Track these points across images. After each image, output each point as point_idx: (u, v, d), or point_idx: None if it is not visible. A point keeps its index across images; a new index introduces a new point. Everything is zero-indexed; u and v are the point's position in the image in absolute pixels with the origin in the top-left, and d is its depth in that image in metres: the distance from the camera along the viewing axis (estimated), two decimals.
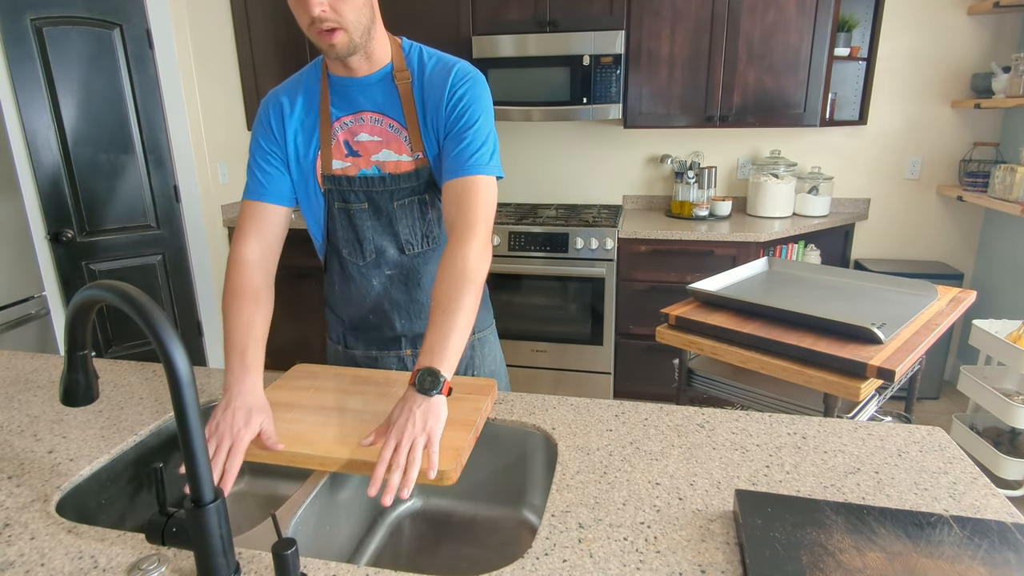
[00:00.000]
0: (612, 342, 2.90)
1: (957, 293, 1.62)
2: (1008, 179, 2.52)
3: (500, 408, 1.11)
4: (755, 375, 1.47)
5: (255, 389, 0.96)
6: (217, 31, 3.15)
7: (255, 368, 0.99)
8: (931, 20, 2.86)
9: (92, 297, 0.66)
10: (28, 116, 2.55)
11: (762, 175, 3.00)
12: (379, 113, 1.12)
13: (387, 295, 1.22)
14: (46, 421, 1.08)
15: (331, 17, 0.97)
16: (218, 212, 3.19)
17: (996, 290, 2.90)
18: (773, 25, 2.71)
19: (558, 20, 2.84)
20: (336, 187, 1.15)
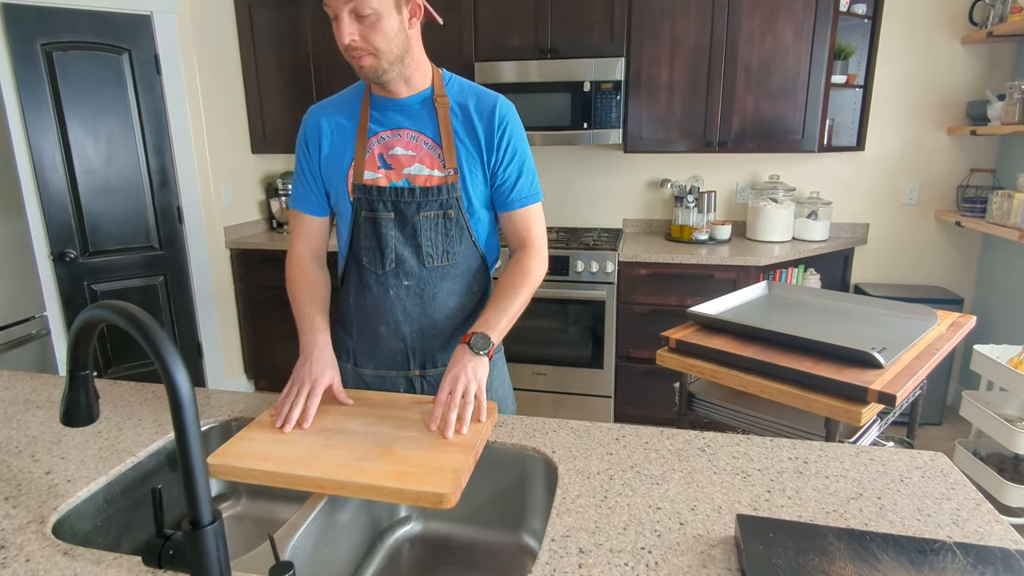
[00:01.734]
0: (612, 365, 2.90)
1: (957, 318, 1.62)
2: (1006, 205, 2.54)
3: (500, 431, 1.10)
4: (756, 399, 1.46)
5: (326, 348, 1.15)
6: (224, 56, 3.20)
7: (323, 330, 1.17)
8: (926, 49, 2.91)
9: (96, 317, 0.66)
10: (35, 138, 2.59)
11: (761, 200, 3.02)
12: (416, 131, 1.19)
13: (401, 306, 1.24)
14: (44, 442, 1.08)
15: (361, 45, 1.07)
16: (220, 233, 3.21)
17: (996, 315, 2.90)
18: (771, 52, 2.75)
19: (559, 47, 2.89)
20: (365, 196, 1.20)
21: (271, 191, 3.51)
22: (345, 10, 1.04)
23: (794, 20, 2.70)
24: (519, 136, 1.23)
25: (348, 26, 1.05)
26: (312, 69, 3.21)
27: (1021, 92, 2.47)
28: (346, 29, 1.05)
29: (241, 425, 1.17)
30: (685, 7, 2.77)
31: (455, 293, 1.26)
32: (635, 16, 2.81)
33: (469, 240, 1.24)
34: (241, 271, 3.27)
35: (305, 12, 3.14)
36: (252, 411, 1.20)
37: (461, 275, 1.25)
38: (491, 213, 1.28)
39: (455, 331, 1.28)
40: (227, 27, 3.21)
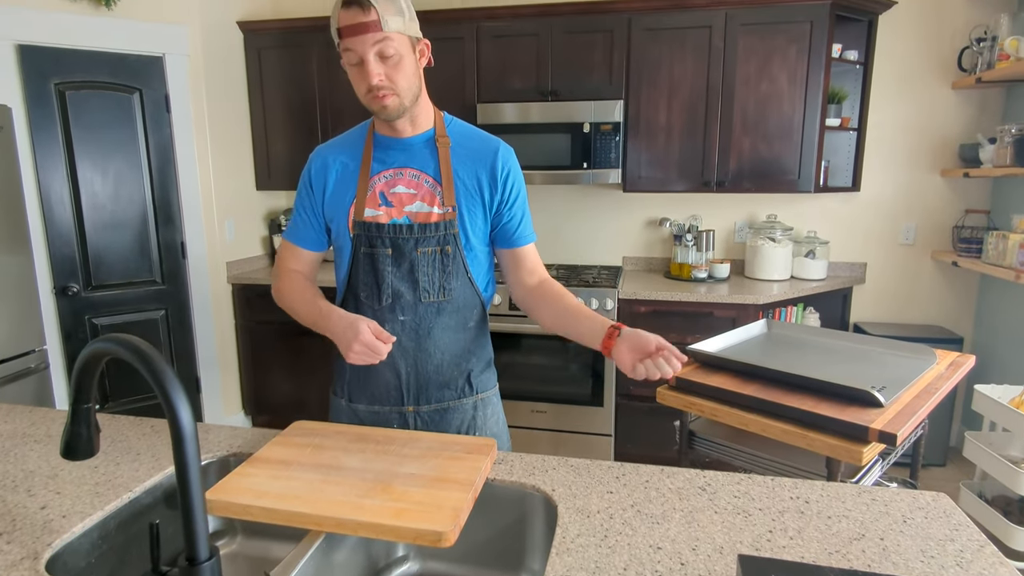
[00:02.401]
0: (613, 403, 2.88)
1: (956, 357, 1.63)
2: (1001, 245, 2.56)
3: (499, 468, 1.10)
4: (757, 438, 1.46)
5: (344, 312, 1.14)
6: (232, 95, 3.28)
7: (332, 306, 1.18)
8: (917, 94, 2.98)
9: (102, 350, 0.67)
10: (45, 174, 2.63)
11: (759, 239, 3.06)
12: (418, 170, 1.23)
13: (397, 341, 1.24)
14: (41, 476, 1.07)
15: (386, 85, 1.12)
16: (223, 268, 3.24)
17: (997, 355, 2.90)
18: (766, 96, 2.82)
19: (559, 90, 2.97)
20: (365, 232, 1.22)
21: (274, 227, 3.55)
22: (372, 52, 1.08)
23: (788, 66, 2.78)
24: (521, 178, 1.29)
25: (375, 67, 1.09)
26: (317, 109, 3.28)
27: (1011, 136, 2.53)
28: (374, 70, 1.09)
29: (239, 461, 1.16)
30: (682, 53, 2.86)
31: (451, 328, 1.27)
32: (633, 61, 2.89)
33: (465, 276, 1.26)
34: (242, 306, 3.28)
35: (311, 54, 3.23)
36: (250, 447, 1.19)
37: (457, 311, 1.27)
38: (488, 250, 1.31)
39: (450, 367, 1.28)
40: (236, 68, 3.30)
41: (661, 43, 2.86)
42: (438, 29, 2.97)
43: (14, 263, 2.40)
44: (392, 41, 1.08)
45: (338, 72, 3.20)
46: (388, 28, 1.07)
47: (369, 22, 1.06)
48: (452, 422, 1.30)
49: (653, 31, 2.86)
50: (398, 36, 1.09)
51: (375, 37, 1.07)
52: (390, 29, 1.07)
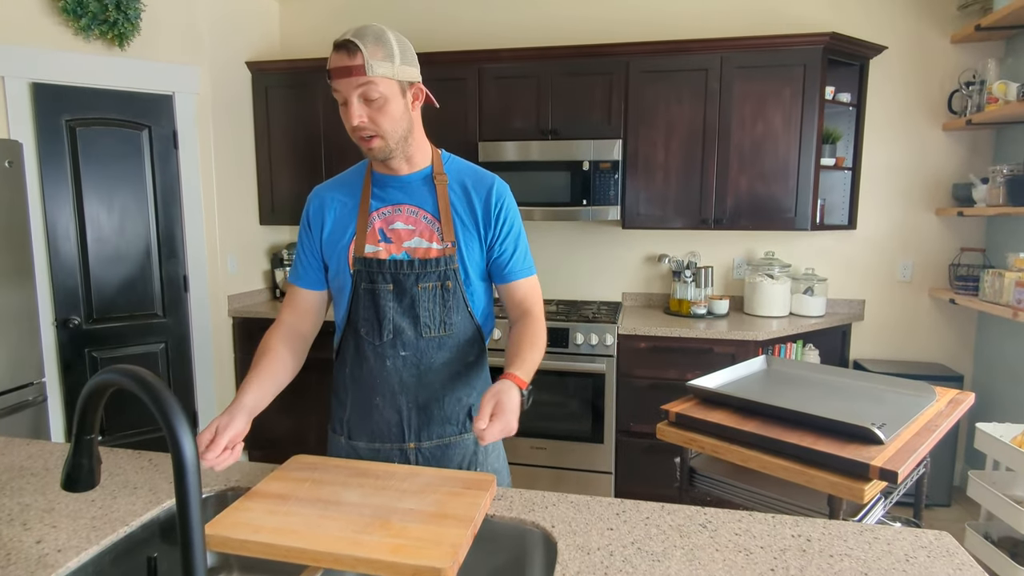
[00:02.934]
0: (613, 440, 2.86)
1: (955, 394, 1.63)
2: (997, 283, 2.58)
3: (499, 504, 1.09)
4: (758, 475, 1.45)
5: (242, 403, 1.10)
6: (239, 132, 3.35)
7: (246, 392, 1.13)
8: (909, 134, 3.05)
9: (107, 381, 0.68)
10: (52, 208, 2.67)
11: (757, 275, 3.08)
12: (416, 206, 1.25)
13: (398, 376, 1.25)
14: (37, 510, 1.06)
15: (369, 127, 1.14)
16: (224, 302, 3.25)
17: (997, 392, 2.89)
18: (762, 137, 2.89)
19: (559, 129, 3.03)
20: (365, 268, 1.23)
21: (276, 261, 3.58)
22: (355, 94, 1.11)
23: (782, 108, 2.84)
24: (515, 213, 1.30)
25: (357, 109, 1.12)
26: (322, 146, 3.35)
27: (1003, 176, 2.58)
28: (355, 112, 1.12)
29: (237, 495, 1.16)
30: (679, 95, 2.93)
31: (451, 363, 1.27)
32: (631, 102, 2.97)
33: (466, 310, 1.27)
34: (242, 339, 3.29)
35: (317, 93, 3.31)
36: (248, 481, 1.19)
37: (457, 345, 1.27)
38: (487, 284, 1.32)
39: (452, 402, 1.28)
40: (244, 106, 3.38)
41: (659, 85, 2.94)
42: (442, 70, 3.06)
43: (17, 295, 2.41)
44: (376, 85, 1.11)
45: None
46: (372, 72, 1.09)
47: (354, 66, 1.09)
48: (453, 458, 1.29)
49: (651, 73, 2.94)
50: (384, 80, 1.11)
51: (358, 80, 1.10)
52: (375, 74, 1.10)
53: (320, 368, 3.04)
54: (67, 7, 2.58)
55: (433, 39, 3.43)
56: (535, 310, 1.30)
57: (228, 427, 1.05)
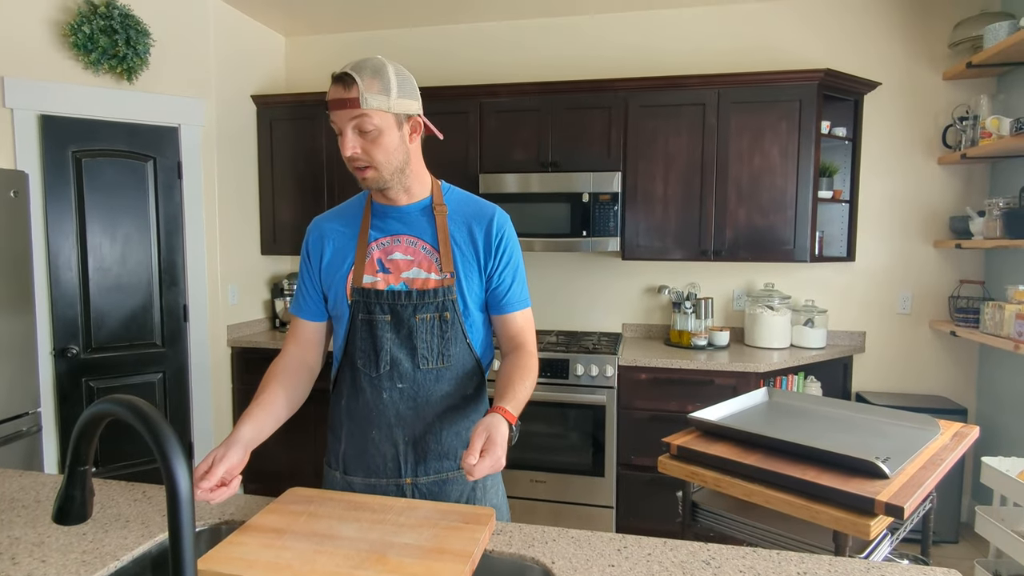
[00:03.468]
0: (614, 473, 2.82)
1: (960, 428, 1.61)
2: (998, 315, 2.58)
3: (498, 539, 1.07)
4: (761, 510, 1.42)
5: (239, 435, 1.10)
6: (242, 163, 3.39)
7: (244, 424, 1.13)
8: (905, 168, 3.08)
9: (104, 411, 0.67)
10: (54, 237, 2.69)
11: (758, 307, 3.08)
12: (415, 237, 1.25)
13: (395, 409, 1.24)
14: (26, 544, 1.04)
15: (362, 158, 1.15)
16: (223, 332, 3.24)
17: (1002, 426, 2.86)
18: (760, 170, 2.92)
19: (559, 162, 3.07)
20: (363, 299, 1.23)
21: (277, 291, 3.58)
22: (349, 126, 1.13)
23: (779, 141, 2.88)
24: (514, 244, 1.30)
25: (351, 140, 1.13)
26: (324, 178, 3.39)
27: (999, 209, 2.60)
28: (349, 143, 1.13)
29: (231, 529, 1.14)
30: (677, 129, 2.97)
31: (450, 396, 1.26)
32: (630, 135, 3.01)
33: (464, 342, 1.26)
34: (241, 370, 3.27)
35: (321, 126, 3.36)
36: (243, 514, 1.17)
37: (455, 377, 1.26)
38: (485, 316, 1.31)
39: (449, 435, 1.26)
40: (248, 138, 3.43)
41: (657, 119, 2.99)
42: (444, 104, 3.12)
43: (16, 324, 2.41)
44: (371, 118, 1.12)
45: None
46: (367, 105, 1.10)
47: (349, 98, 1.10)
48: (451, 494, 1.26)
49: (649, 108, 2.99)
50: (378, 113, 1.12)
51: (353, 112, 1.11)
52: (369, 106, 1.11)
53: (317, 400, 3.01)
54: (78, 42, 2.64)
55: (436, 74, 3.49)
56: (529, 343, 1.30)
57: (224, 459, 1.04)
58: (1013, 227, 2.52)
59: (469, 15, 3.39)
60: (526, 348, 1.28)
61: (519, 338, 1.29)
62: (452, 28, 3.53)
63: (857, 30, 3.08)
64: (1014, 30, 2.49)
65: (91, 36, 2.65)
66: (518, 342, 1.29)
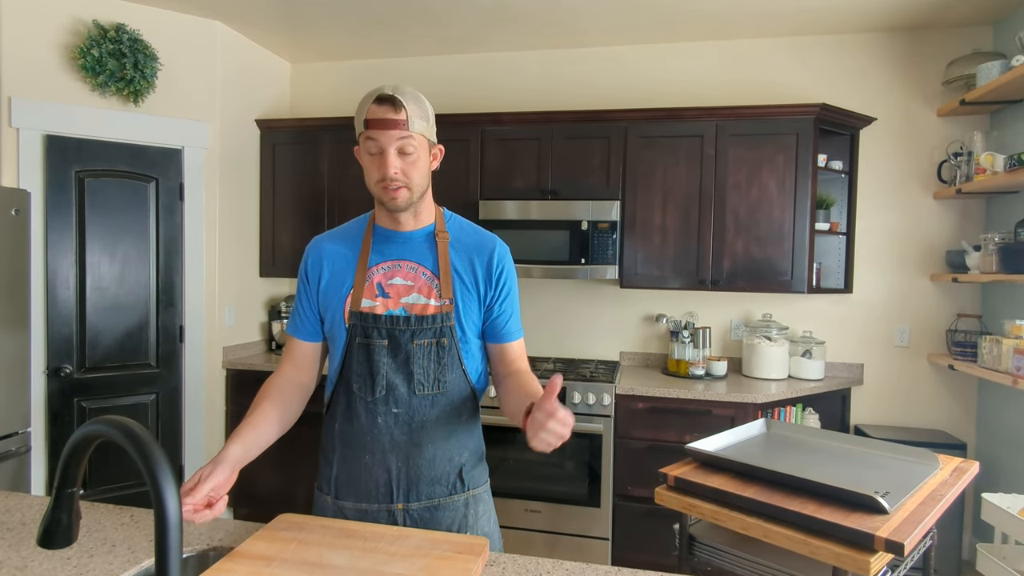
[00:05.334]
0: (610, 504, 2.78)
1: (960, 463, 1.60)
2: (995, 350, 2.58)
3: (491, 571, 1.05)
4: (760, 544, 1.40)
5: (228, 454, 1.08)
6: (244, 186, 3.41)
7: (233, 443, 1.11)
8: (901, 202, 3.11)
9: (94, 432, 0.66)
10: (53, 256, 2.69)
11: (755, 337, 3.08)
12: (416, 262, 1.26)
13: (389, 434, 1.23)
14: (10, 568, 1.02)
15: (401, 178, 1.19)
16: (219, 353, 3.22)
17: (1002, 461, 2.83)
18: (757, 201, 2.94)
19: (558, 189, 3.10)
20: (361, 323, 1.23)
21: (274, 313, 3.57)
22: (393, 147, 1.16)
23: (776, 174, 2.92)
24: (514, 275, 1.33)
25: (394, 160, 1.17)
26: (326, 202, 3.41)
27: (995, 244, 2.61)
28: (392, 162, 1.16)
29: (219, 555, 1.11)
30: (675, 160, 3.01)
31: (444, 421, 1.25)
32: (629, 165, 3.04)
33: (460, 368, 1.26)
34: (235, 392, 3.24)
35: (323, 151, 3.40)
36: (231, 540, 1.14)
37: (451, 403, 1.26)
38: (481, 343, 1.32)
39: (443, 461, 1.25)
40: (251, 161, 3.46)
41: (655, 150, 3.02)
42: (445, 131, 3.13)
43: (11, 342, 2.39)
44: (413, 140, 1.17)
45: (347, 167, 3.35)
46: (413, 128, 1.16)
47: (398, 120, 1.15)
48: (443, 520, 1.25)
49: (648, 139, 3.03)
50: (419, 137, 1.18)
51: (400, 134, 1.15)
52: (414, 129, 1.16)
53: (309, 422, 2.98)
54: (86, 65, 2.68)
55: (438, 102, 3.54)
56: (527, 367, 1.33)
57: (210, 477, 1.02)
58: (1009, 262, 2.53)
59: (472, 46, 3.46)
60: (526, 369, 1.31)
61: (517, 363, 1.31)
62: (455, 58, 3.59)
63: (853, 66, 3.14)
64: (1006, 69, 2.54)
65: (100, 59, 2.69)
66: (517, 366, 1.31)
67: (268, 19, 3.14)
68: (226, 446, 1.10)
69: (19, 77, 2.62)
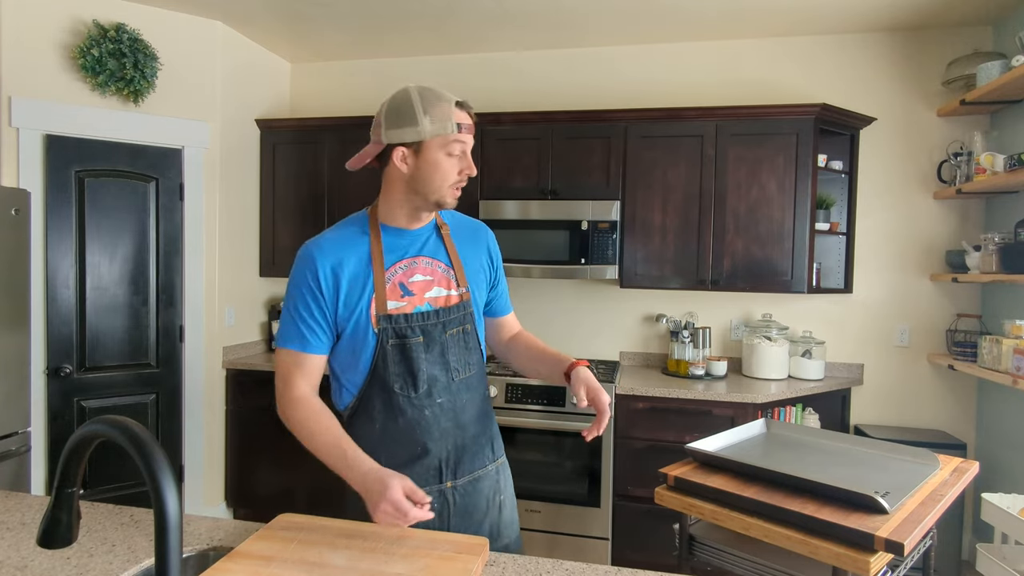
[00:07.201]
0: (610, 504, 2.78)
1: (960, 463, 1.59)
2: (995, 350, 2.58)
3: (491, 571, 1.05)
4: (759, 544, 1.40)
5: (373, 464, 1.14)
6: (244, 186, 3.41)
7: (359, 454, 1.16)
8: (901, 202, 3.11)
9: (94, 432, 0.66)
10: (53, 256, 2.69)
11: (755, 337, 3.08)
12: (430, 257, 1.31)
13: (437, 424, 1.28)
14: (9, 567, 1.02)
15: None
16: (219, 353, 3.22)
17: (1002, 461, 2.83)
18: (757, 201, 2.94)
19: (558, 189, 3.09)
20: (391, 325, 1.24)
21: (274, 313, 3.57)
22: (470, 147, 1.26)
23: (776, 174, 2.92)
24: (500, 255, 1.49)
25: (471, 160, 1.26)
26: (325, 202, 3.40)
27: (995, 244, 2.61)
28: (473, 163, 1.26)
29: (219, 555, 1.11)
30: (675, 159, 3.01)
31: (476, 399, 1.35)
32: (629, 165, 3.04)
33: (478, 347, 1.36)
34: (235, 391, 3.24)
35: (323, 151, 3.40)
36: (232, 540, 1.14)
37: (478, 380, 1.36)
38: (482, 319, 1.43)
39: (480, 436, 1.36)
40: (251, 161, 3.46)
41: (656, 150, 3.02)
42: None
43: (11, 342, 2.39)
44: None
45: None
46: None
47: (474, 124, 1.26)
48: (483, 490, 1.35)
49: (648, 139, 3.03)
50: None
51: (473, 137, 1.27)
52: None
53: None
54: (86, 65, 2.68)
55: None
56: (520, 328, 1.52)
57: (408, 488, 1.08)
58: (1009, 262, 2.53)
59: (472, 46, 3.46)
60: (521, 329, 1.51)
61: (514, 329, 1.50)
62: (455, 58, 3.59)
63: (853, 66, 3.14)
64: (1006, 69, 2.54)
65: (100, 59, 2.69)
66: (514, 331, 1.50)
67: (268, 19, 3.14)
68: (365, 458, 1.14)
69: (19, 77, 2.62)
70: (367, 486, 1.09)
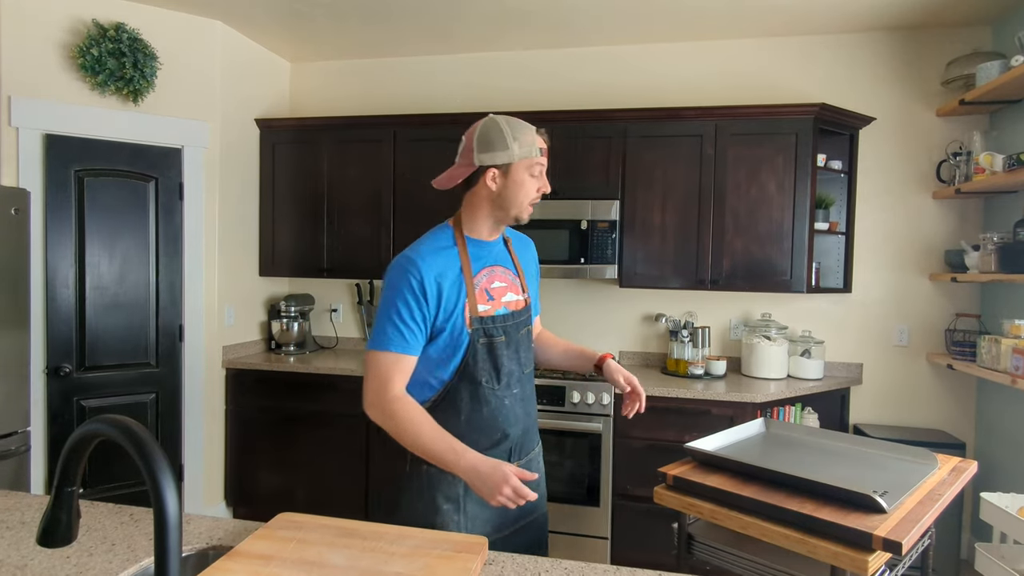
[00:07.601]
0: (609, 503, 2.78)
1: (958, 463, 1.60)
2: (994, 350, 2.58)
3: (490, 570, 1.05)
4: (758, 543, 1.40)
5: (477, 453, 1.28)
6: (244, 185, 3.41)
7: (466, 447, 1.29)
8: (900, 201, 3.11)
9: (94, 431, 0.66)
10: (53, 255, 2.69)
11: (755, 336, 3.08)
12: (504, 267, 1.49)
13: (512, 412, 1.45)
14: (9, 567, 1.02)
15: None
16: (219, 353, 3.22)
17: (1001, 460, 2.84)
18: (756, 201, 2.95)
19: (558, 189, 3.09)
20: (481, 326, 1.40)
21: (273, 312, 3.57)
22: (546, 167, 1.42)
23: (776, 173, 2.92)
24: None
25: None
26: (325, 202, 3.41)
27: (994, 243, 2.62)
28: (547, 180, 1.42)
29: (219, 554, 1.12)
30: (675, 159, 3.01)
31: (533, 389, 1.56)
32: (629, 165, 3.04)
33: (532, 344, 1.55)
34: (235, 391, 3.24)
35: (323, 151, 3.40)
36: (231, 539, 1.15)
37: (533, 372, 1.55)
38: None
39: (534, 420, 1.55)
40: (250, 160, 3.46)
41: (655, 149, 3.02)
42: (445, 131, 3.15)
43: (10, 341, 2.40)
44: None
45: (347, 167, 3.35)
46: None
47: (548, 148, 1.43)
48: (535, 469, 1.53)
49: (647, 138, 3.03)
50: None
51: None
52: None
53: (310, 423, 2.99)
54: (86, 64, 2.68)
55: (438, 102, 3.55)
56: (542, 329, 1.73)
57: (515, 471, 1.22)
58: (1008, 262, 2.54)
59: (473, 46, 3.46)
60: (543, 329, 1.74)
61: (538, 326, 1.72)
62: (455, 58, 3.59)
63: (853, 66, 3.15)
64: (1005, 69, 2.54)
65: (99, 59, 2.69)
66: (540, 329, 1.73)
67: (268, 19, 3.14)
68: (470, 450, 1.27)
69: (19, 77, 2.62)
70: (480, 473, 1.23)
